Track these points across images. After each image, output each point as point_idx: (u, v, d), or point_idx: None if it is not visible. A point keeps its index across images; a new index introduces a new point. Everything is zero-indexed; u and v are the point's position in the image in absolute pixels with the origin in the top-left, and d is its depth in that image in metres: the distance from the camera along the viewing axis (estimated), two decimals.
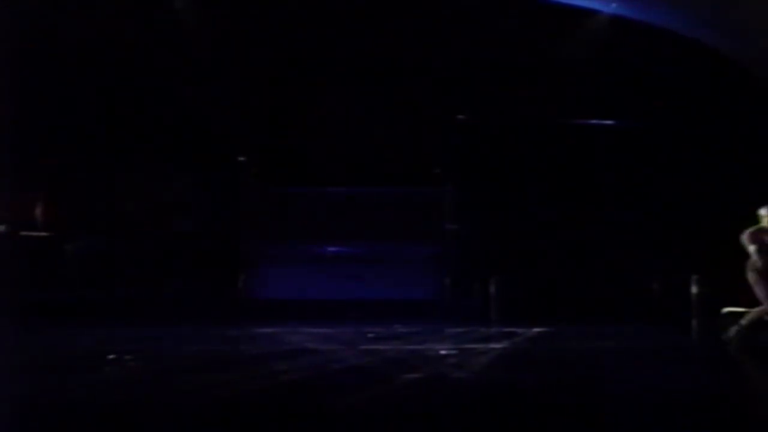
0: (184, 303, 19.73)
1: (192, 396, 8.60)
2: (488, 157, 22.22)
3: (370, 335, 15.35)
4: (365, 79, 22.15)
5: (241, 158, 22.09)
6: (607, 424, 7.02)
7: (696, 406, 7.79)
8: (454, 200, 22.26)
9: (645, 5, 21.73)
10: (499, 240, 21.50)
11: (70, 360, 12.09)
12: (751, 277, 13.03)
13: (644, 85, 21.89)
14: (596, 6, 21.85)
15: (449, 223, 22.12)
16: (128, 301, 19.43)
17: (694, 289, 18.16)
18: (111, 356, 11.61)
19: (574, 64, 21.71)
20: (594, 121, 22.54)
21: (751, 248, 12.95)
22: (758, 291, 13.08)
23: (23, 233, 20.17)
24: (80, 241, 20.84)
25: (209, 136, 21.93)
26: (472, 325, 16.99)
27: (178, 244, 21.49)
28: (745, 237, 13.14)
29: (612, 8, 21.65)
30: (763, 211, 13.24)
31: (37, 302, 17.61)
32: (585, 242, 21.39)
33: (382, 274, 21.42)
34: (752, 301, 15.99)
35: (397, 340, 14.70)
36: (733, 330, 13.49)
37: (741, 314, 15.81)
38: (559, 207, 21.76)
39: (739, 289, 17.86)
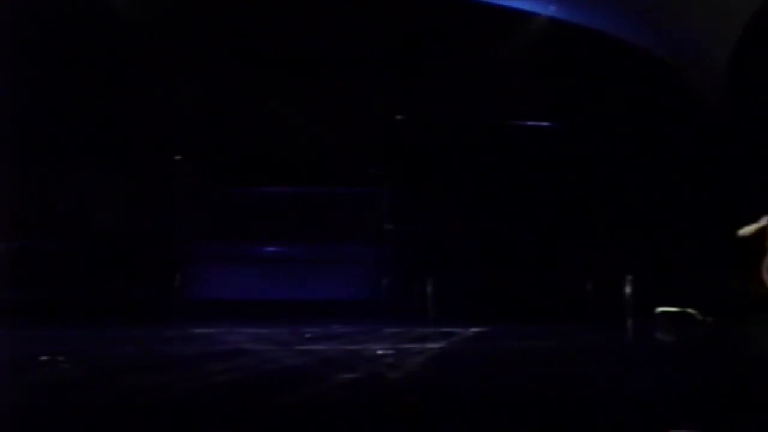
0: (118, 303, 19.51)
1: (125, 397, 8.49)
2: (426, 158, 22.25)
3: (307, 335, 15.32)
4: (304, 79, 22.06)
5: (178, 157, 21.89)
6: (537, 423, 7.06)
7: (625, 405, 7.86)
8: (392, 200, 22.27)
9: (583, 8, 21.94)
10: (436, 240, 21.55)
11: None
12: None
13: (581, 87, 22.06)
14: (535, 8, 22.01)
15: (387, 223, 22.12)
16: (61, 302, 19.14)
17: (628, 289, 18.37)
18: (43, 358, 11.43)
19: (514, 66, 21.85)
20: (531, 123, 22.68)
21: None
22: None
23: None
24: (12, 240, 20.47)
25: (145, 134, 21.70)
26: (410, 325, 17.01)
27: (113, 243, 21.24)
28: None
29: (550, 11, 21.84)
30: None
31: None
32: (522, 243, 21.52)
33: (320, 274, 21.38)
34: (686, 301, 16.22)
35: (334, 340, 14.68)
36: None
37: (674, 314, 16.04)
38: (497, 207, 21.87)
39: (672, 289, 18.12)
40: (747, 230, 12.08)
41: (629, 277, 18.39)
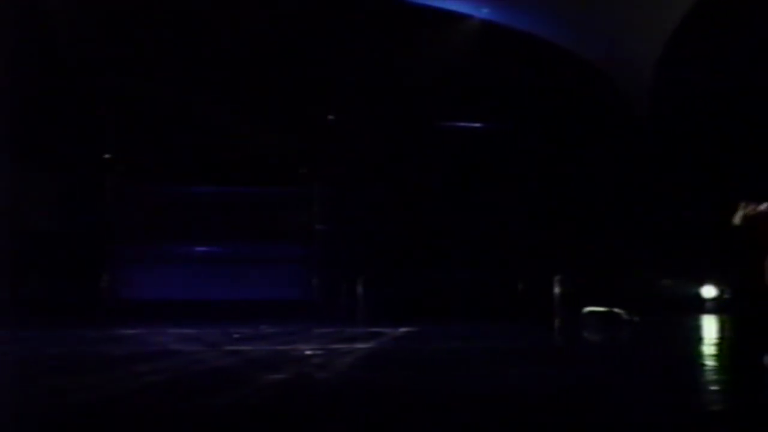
0: (45, 304, 19.25)
1: (51, 399, 8.38)
2: (356, 158, 22.29)
3: (236, 336, 15.25)
4: (234, 79, 21.98)
5: (107, 155, 21.67)
6: (465, 422, 7.10)
7: (548, 405, 7.93)
8: (322, 200, 22.28)
9: (515, 10, 22.14)
10: (366, 240, 21.60)
11: None
12: None
13: (513, 88, 22.25)
14: (468, 11, 22.16)
15: (317, 223, 22.12)
16: None
17: (556, 289, 18.58)
18: None
19: (445, 67, 21.97)
20: (463, 123, 22.82)
21: None
22: None
23: None
24: None
25: (74, 133, 21.44)
26: (340, 326, 17.03)
27: (39, 243, 20.94)
28: None
29: (483, 13, 22.01)
30: None
31: None
32: (452, 243, 21.65)
33: (250, 275, 21.31)
34: (612, 301, 16.44)
35: (263, 340, 14.64)
36: None
37: (601, 313, 16.25)
38: (427, 208, 21.98)
39: (599, 289, 18.36)
40: (738, 217, 11.47)
41: (558, 278, 18.61)
